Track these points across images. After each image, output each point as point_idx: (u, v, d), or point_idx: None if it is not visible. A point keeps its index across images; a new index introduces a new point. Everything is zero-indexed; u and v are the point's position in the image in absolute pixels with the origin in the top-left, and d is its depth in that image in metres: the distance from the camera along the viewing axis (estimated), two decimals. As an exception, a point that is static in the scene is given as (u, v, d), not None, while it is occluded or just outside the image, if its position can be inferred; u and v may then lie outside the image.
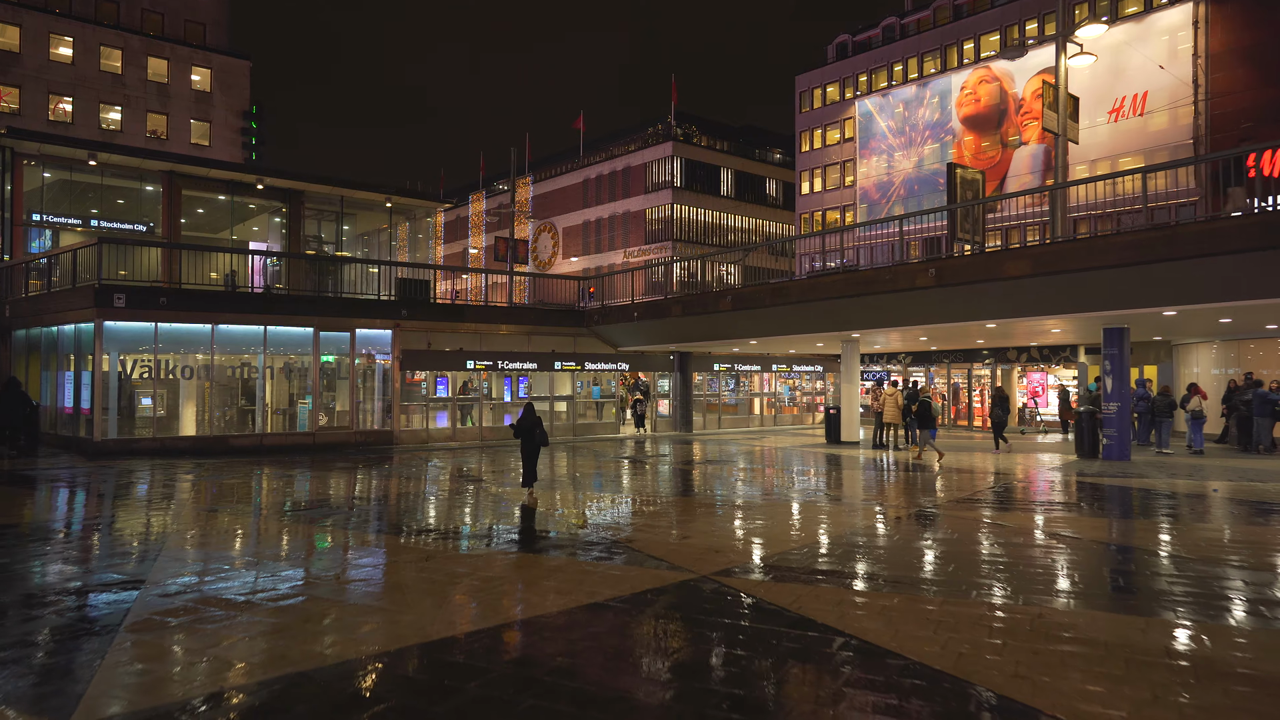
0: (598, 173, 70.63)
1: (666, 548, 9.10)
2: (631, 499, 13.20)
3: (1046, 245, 15.66)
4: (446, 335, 24.71)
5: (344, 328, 22.57)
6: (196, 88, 45.23)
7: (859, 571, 7.91)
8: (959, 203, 19.38)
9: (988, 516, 11.08)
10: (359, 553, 9.14)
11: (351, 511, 12.04)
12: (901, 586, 7.28)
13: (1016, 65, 49.03)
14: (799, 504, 12.59)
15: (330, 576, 7.84)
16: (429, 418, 24.57)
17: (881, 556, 8.72)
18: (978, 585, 7.34)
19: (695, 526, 10.49)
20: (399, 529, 10.57)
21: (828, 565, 8.22)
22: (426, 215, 33.63)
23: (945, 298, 17.35)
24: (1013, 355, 29.27)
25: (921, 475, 16.03)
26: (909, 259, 27.47)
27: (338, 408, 23.60)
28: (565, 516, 11.40)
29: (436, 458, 20.08)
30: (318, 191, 29.19)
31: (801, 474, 16.63)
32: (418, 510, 12.21)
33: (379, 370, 23.70)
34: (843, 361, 23.83)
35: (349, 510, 12.18)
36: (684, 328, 24.05)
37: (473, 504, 12.94)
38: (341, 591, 7.30)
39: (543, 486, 14.66)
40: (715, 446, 23.10)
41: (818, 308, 19.87)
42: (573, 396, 27.35)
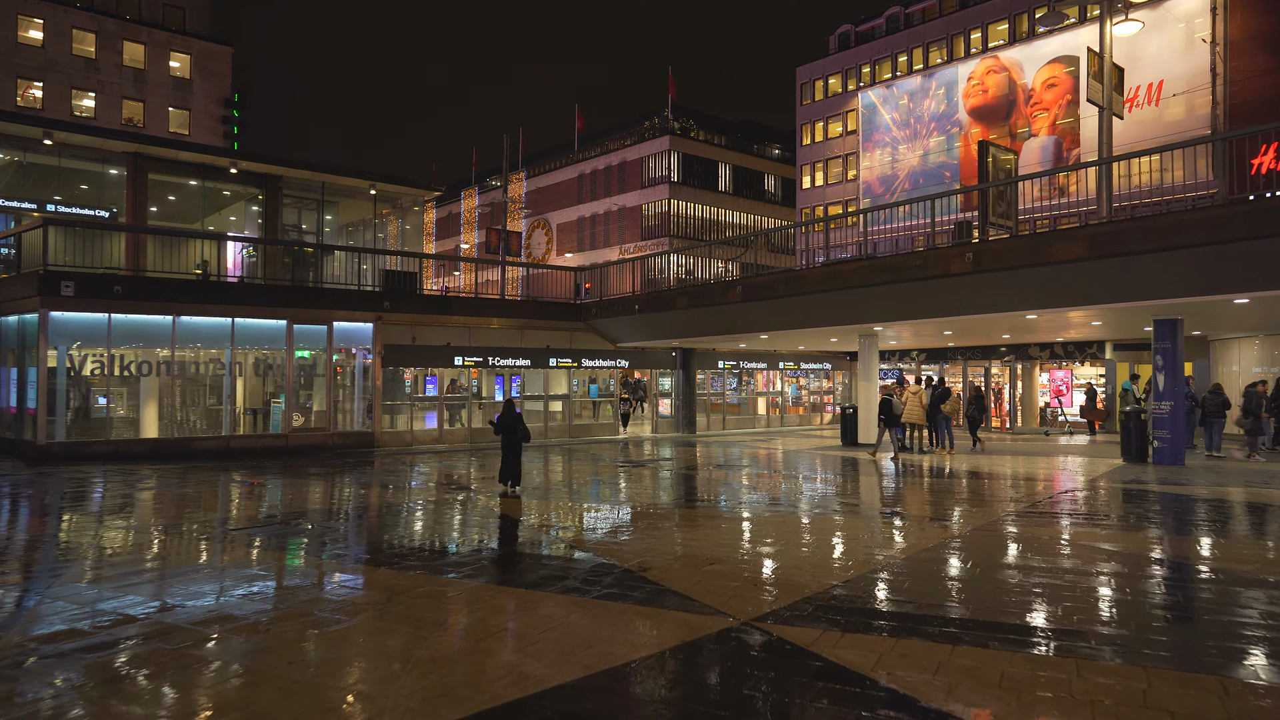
0: (593, 168, 68.94)
1: (690, 578, 7.36)
2: (639, 513, 11.46)
3: (1102, 225, 14.01)
4: (433, 329, 22.93)
5: (321, 320, 20.77)
6: (175, 74, 43.35)
7: (943, 614, 6.18)
8: (992, 182, 17.70)
9: (1066, 536, 9.37)
10: (305, 589, 7.37)
11: (311, 530, 10.26)
12: (1010, 641, 5.55)
13: (1025, 55, 47.51)
14: (834, 518, 10.86)
15: (256, 618, 6.08)
16: (414, 418, 22.78)
17: (960, 592, 6.99)
18: (1115, 640, 5.62)
19: (720, 549, 8.75)
20: (364, 555, 8.81)
21: (899, 604, 6.50)
22: (414, 205, 31.79)
23: (983, 285, 15.67)
24: (1035, 352, 27.63)
25: (961, 482, 14.33)
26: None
27: (314, 408, 21.80)
28: (564, 536, 9.64)
29: (421, 462, 18.31)
30: (297, 177, 27.35)
31: (825, 481, 14.91)
32: (391, 528, 10.44)
33: (359, 367, 21.90)
34: (860, 358, 22.13)
35: (308, 528, 10.40)
36: (689, 321, 22.33)
37: (458, 519, 11.17)
38: (258, 653, 5.54)
39: (537, 495, 12.92)
40: (722, 449, 21.38)
41: (837, 298, 18.17)
42: (569, 395, 25.61)
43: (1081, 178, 41.54)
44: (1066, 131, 46.99)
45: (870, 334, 21.61)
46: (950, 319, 17.46)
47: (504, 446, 12.93)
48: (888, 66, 55.15)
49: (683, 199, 62.62)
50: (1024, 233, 16.26)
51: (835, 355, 32.66)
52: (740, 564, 8.02)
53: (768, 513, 11.30)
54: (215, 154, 26.07)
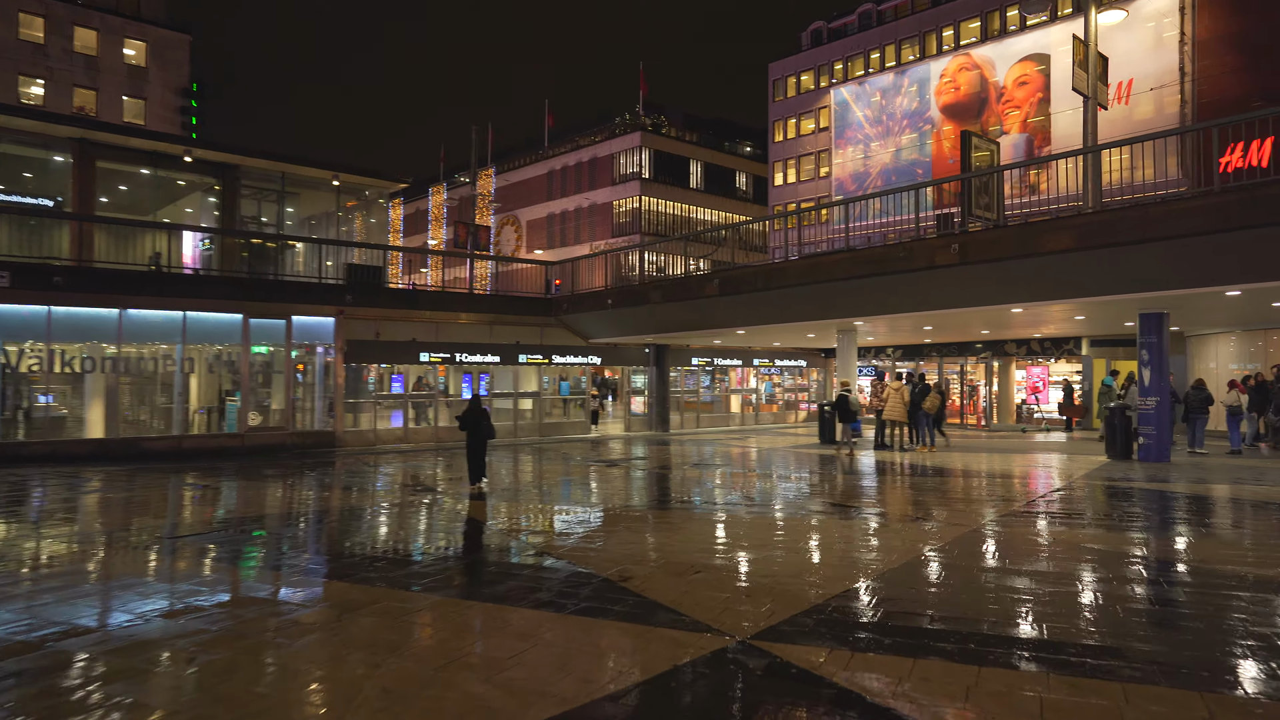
0: (563, 164, 68.13)
1: (675, 588, 6.70)
2: (615, 515, 10.77)
3: (1093, 214, 13.58)
4: (398, 325, 22.04)
5: (279, 315, 19.81)
6: (130, 62, 41.81)
7: (958, 628, 5.58)
8: (974, 172, 17.27)
9: (1068, 538, 8.85)
10: (250, 605, 6.59)
11: (262, 537, 9.45)
12: (1039, 660, 4.96)
13: (997, 53, 47.54)
14: (821, 521, 10.26)
15: (188, 643, 5.31)
16: (378, 417, 21.89)
17: (970, 602, 6.39)
18: (1156, 659, 5.05)
19: (704, 555, 8.10)
20: (317, 565, 8.03)
21: (907, 616, 5.88)
22: (380, 197, 30.78)
23: (969, 278, 15.20)
24: (1011, 348, 27.38)
25: (948, 481, 13.82)
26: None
27: (273, 406, 20.83)
28: (536, 542, 8.93)
29: (385, 462, 17.47)
30: (255, 167, 26.26)
31: (805, 480, 14.34)
32: (349, 535, 9.64)
33: (320, 363, 20.96)
34: (839, 354, 21.63)
35: (260, 535, 9.58)
36: (664, 316, 21.68)
37: (422, 524, 10.40)
38: (177, 689, 4.78)
39: (507, 497, 12.19)
40: (697, 448, 20.76)
41: (818, 291, 17.63)
42: (539, 393, 24.84)
43: (1053, 175, 41.45)
44: (1038, 129, 47.05)
45: (849, 329, 21.12)
46: (934, 313, 17.00)
47: (469, 444, 12.95)
48: (860, 63, 54.97)
49: (654, 196, 62.06)
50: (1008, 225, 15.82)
51: (810, 352, 32.22)
52: (728, 572, 7.38)
53: (750, 515, 10.67)
54: (168, 141, 24.92)
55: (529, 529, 9.73)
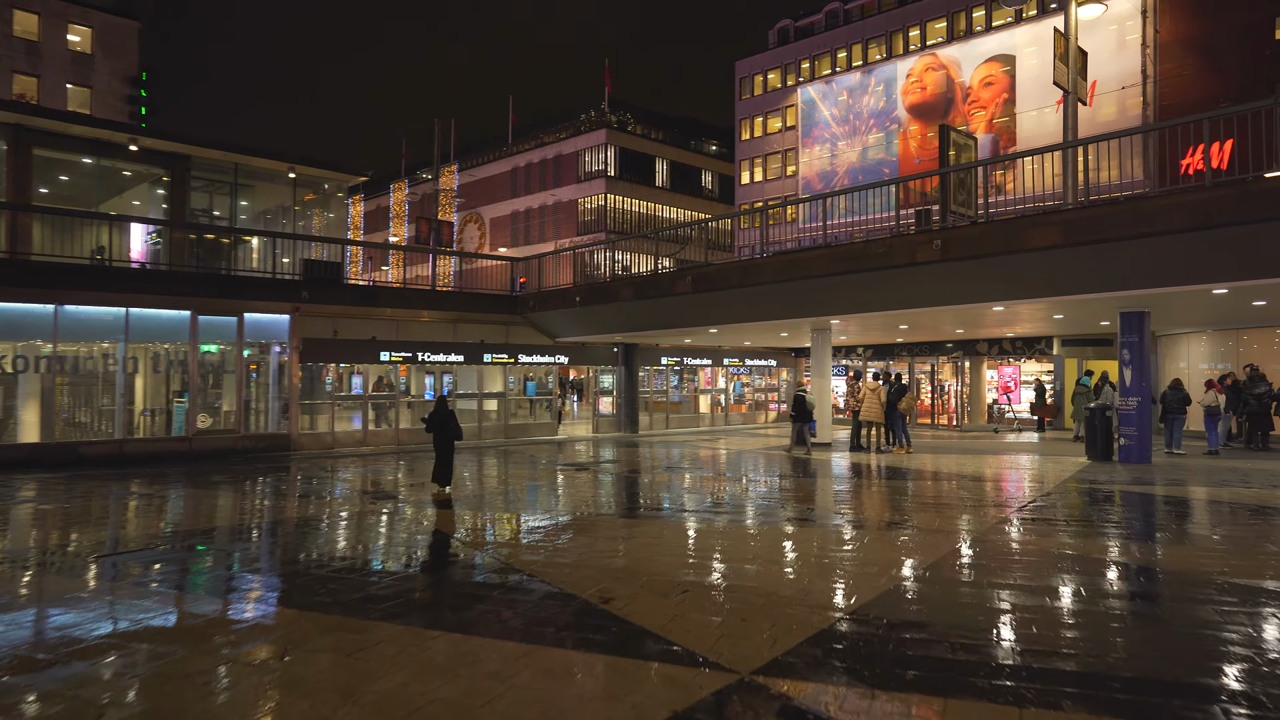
0: (527, 161, 67.24)
1: (663, 612, 6.06)
2: (589, 525, 10.09)
3: (1080, 210, 13.21)
4: (357, 323, 21.11)
5: (230, 312, 18.79)
6: (74, 49, 40.04)
7: (985, 658, 5.01)
8: (953, 166, 16.88)
9: (1073, 548, 8.37)
10: (179, 638, 5.80)
11: (199, 554, 8.62)
12: (1088, 701, 4.40)
13: (963, 53, 47.68)
14: (809, 530, 9.69)
15: (96, 692, 4.54)
16: (336, 419, 20.93)
17: (990, 625, 5.83)
18: (1224, 692, 4.52)
19: (689, 571, 7.47)
20: (262, 588, 7.25)
21: (925, 643, 5.30)
22: (338, 191, 29.67)
23: (950, 275, 14.77)
24: (983, 348, 27.19)
25: (933, 485, 13.37)
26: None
27: (224, 407, 19.78)
28: (506, 557, 8.22)
29: (343, 466, 16.58)
30: (206, 157, 25.07)
31: (784, 486, 13.79)
32: (301, 551, 8.84)
33: (274, 363, 19.96)
34: (813, 353, 21.17)
35: (194, 548, 8.74)
36: (634, 314, 21.03)
37: (382, 538, 9.62)
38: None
39: (473, 504, 11.45)
40: (669, 450, 20.16)
41: (794, 289, 17.10)
42: (504, 394, 24.03)
43: (1019, 175, 41.54)
44: (1003, 130, 47.24)
45: (825, 328, 20.66)
46: (912, 311, 16.57)
47: (436, 445, 12.77)
48: (827, 62, 54.84)
49: (619, 194, 61.46)
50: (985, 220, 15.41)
51: (780, 351, 31.81)
52: (717, 590, 6.75)
53: (733, 524, 10.06)
54: (111, 129, 23.63)
55: (497, 541, 9.02)
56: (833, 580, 7.12)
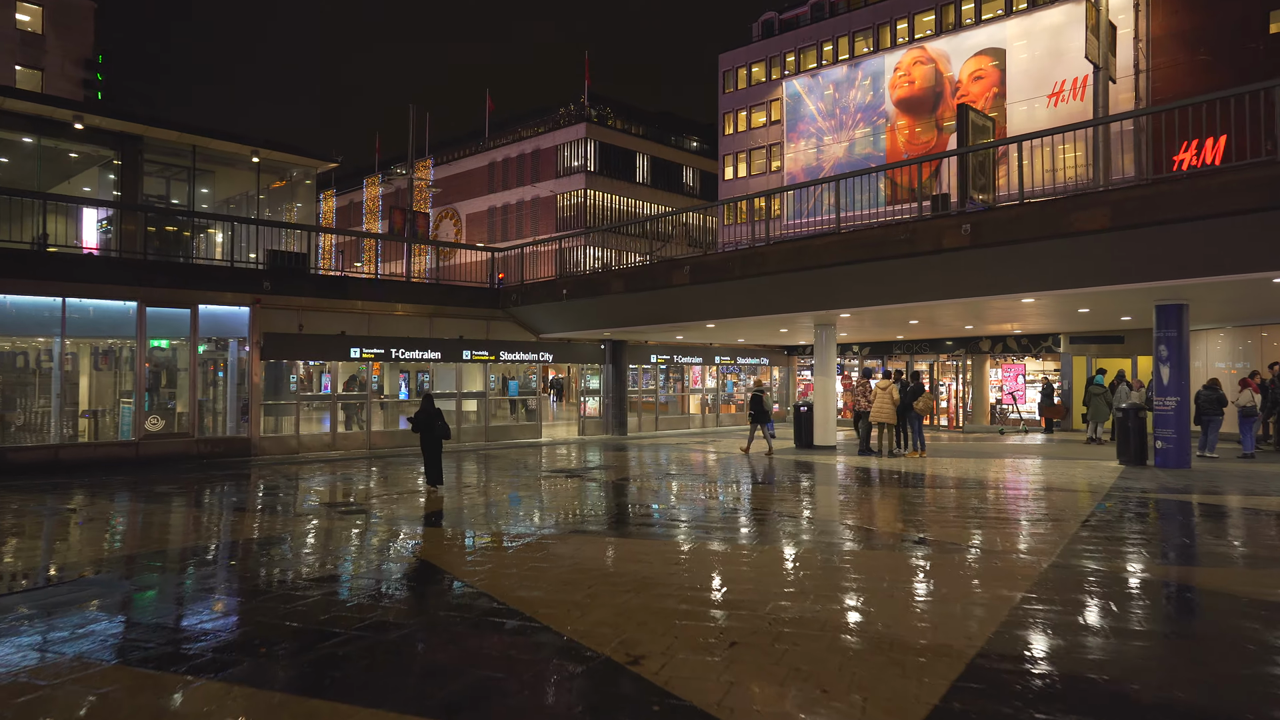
0: (505, 155, 65.64)
1: (713, 678, 4.61)
2: (597, 550, 8.59)
3: (1133, 188, 11.94)
4: (325, 316, 19.43)
5: (182, 303, 17.07)
6: (24, 28, 37.83)
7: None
8: (971, 146, 15.62)
9: (1174, 572, 7.03)
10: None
11: (115, 594, 7.03)
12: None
13: (952, 46, 46.73)
14: (858, 554, 8.27)
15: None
16: (301, 420, 19.24)
17: (1159, 667, 4.43)
18: None
19: (734, 613, 6.01)
20: (194, 654, 5.68)
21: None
22: (307, 179, 27.88)
23: (980, 263, 13.45)
24: (985, 345, 26.03)
25: (968, 495, 12.03)
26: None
27: (178, 409, 18.04)
28: (503, 593, 6.70)
29: (308, 473, 14.95)
30: (161, 139, 23.22)
31: (810, 496, 12.38)
32: (245, 592, 7.28)
33: (233, 360, 18.25)
34: (816, 350, 19.82)
35: (113, 589, 7.15)
36: (625, 308, 19.55)
37: (347, 565, 8.05)
38: None
39: (452, 519, 9.91)
40: (665, 454, 18.71)
41: (803, 279, 15.72)
42: (485, 393, 22.44)
43: (1009, 170, 40.45)
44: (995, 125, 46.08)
45: (829, 323, 19.33)
46: (933, 304, 15.24)
47: (424, 447, 12.57)
48: (813, 55, 53.78)
49: (599, 189, 60.06)
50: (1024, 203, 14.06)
51: (773, 350, 30.50)
52: (774, 642, 5.29)
53: (761, 546, 8.63)
54: (53, 104, 21.71)
55: (489, 569, 7.51)
56: (915, 621, 5.69)
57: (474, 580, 7.06)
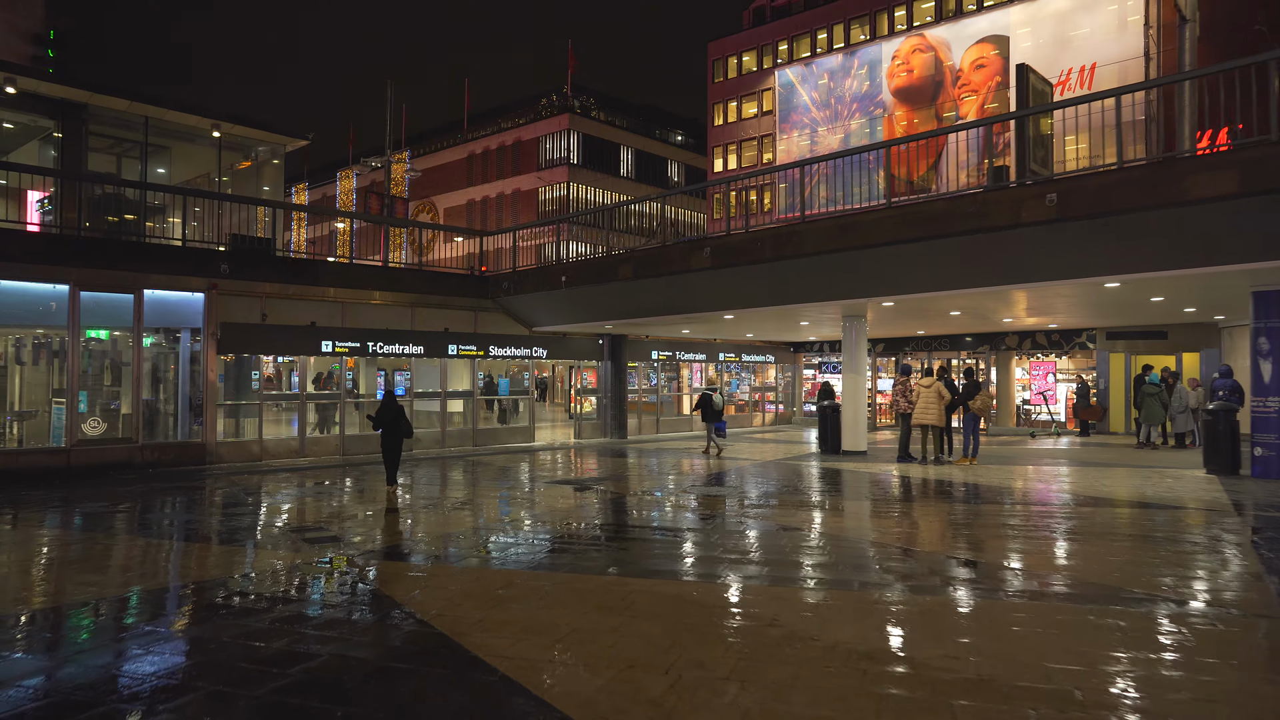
0: (484, 147, 63.30)
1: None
2: (616, 596, 6.44)
3: (1267, 145, 10.00)
4: (292, 305, 17.11)
5: (124, 286, 14.71)
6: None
7: None
8: (1032, 107, 13.71)
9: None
10: None
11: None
12: None
13: (953, 34, 45.10)
14: (990, 610, 6.20)
15: None
16: (265, 423, 16.89)
17: None
18: None
19: (823, 707, 3.91)
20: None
21: None
22: (274, 158, 25.43)
23: (1063, 241, 11.48)
24: (1012, 342, 24.20)
25: (1071, 514, 10.04)
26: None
27: (123, 410, 15.64)
28: (497, 654, 4.53)
29: (271, 485, 12.66)
30: (109, 108, 20.72)
31: (865, 517, 10.33)
32: (166, 665, 5.05)
33: (185, 354, 15.90)
34: (846, 348, 17.81)
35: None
36: (634, 297, 17.42)
37: (312, 616, 5.84)
38: None
39: (437, 549, 7.71)
40: (674, 461, 16.60)
41: (846, 261, 13.67)
42: (472, 392, 20.19)
43: (1009, 152, 38.55)
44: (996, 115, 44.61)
45: (860, 314, 17.34)
46: (998, 290, 13.23)
47: (385, 447, 12.24)
48: (806, 44, 51.96)
49: (582, 183, 57.91)
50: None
51: (778, 346, 28.51)
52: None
53: (845, 591, 6.53)
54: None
55: (481, 622, 5.34)
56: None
57: (466, 634, 4.88)
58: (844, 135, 48.41)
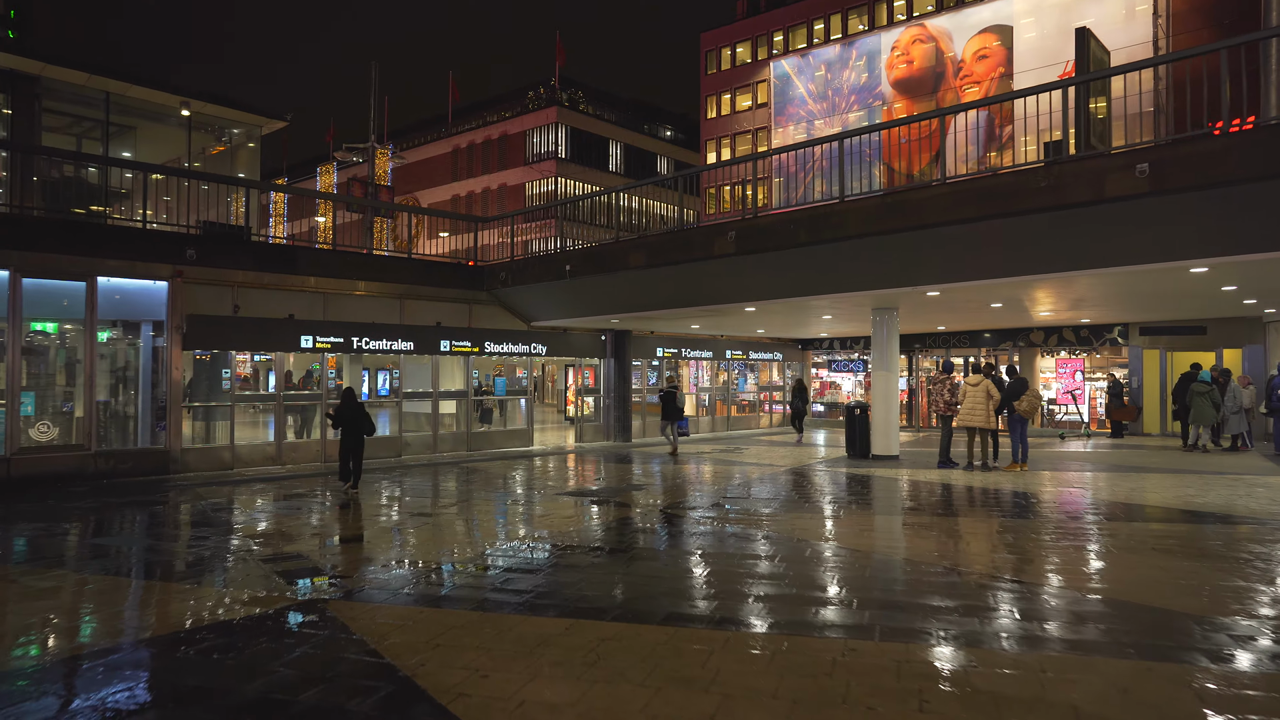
0: (470, 141, 61.54)
1: None
2: (704, 675, 4.88)
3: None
4: (269, 296, 15.41)
5: (74, 273, 12.98)
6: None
7: None
8: (1093, 72, 12.30)
9: None
10: None
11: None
12: None
13: (954, 24, 43.89)
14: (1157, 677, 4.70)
15: None
16: (237, 427, 15.18)
17: None
18: None
19: None
20: None
21: None
22: (249, 141, 23.68)
23: (1154, 217, 10.04)
24: (1037, 337, 22.86)
25: (1189, 533, 8.59)
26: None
27: (76, 413, 13.89)
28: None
29: (242, 500, 11.00)
30: (65, 82, 18.92)
31: (939, 537, 8.83)
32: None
33: (145, 349, 14.18)
34: (875, 343, 16.34)
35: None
36: (646, 287, 15.86)
37: (282, 698, 4.23)
38: None
39: (430, 595, 6.11)
40: (694, 467, 15.07)
41: (892, 246, 12.18)
42: (466, 392, 18.55)
43: (1019, 149, 37.53)
44: (997, 109, 43.54)
45: (892, 306, 15.89)
46: (1063, 276, 11.78)
47: (344, 446, 11.68)
48: (803, 34, 50.57)
49: (571, 178, 56.30)
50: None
51: (786, 343, 27.06)
52: None
53: (1026, 652, 5.01)
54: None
55: (522, 707, 3.79)
56: None
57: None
58: (842, 128, 47.07)
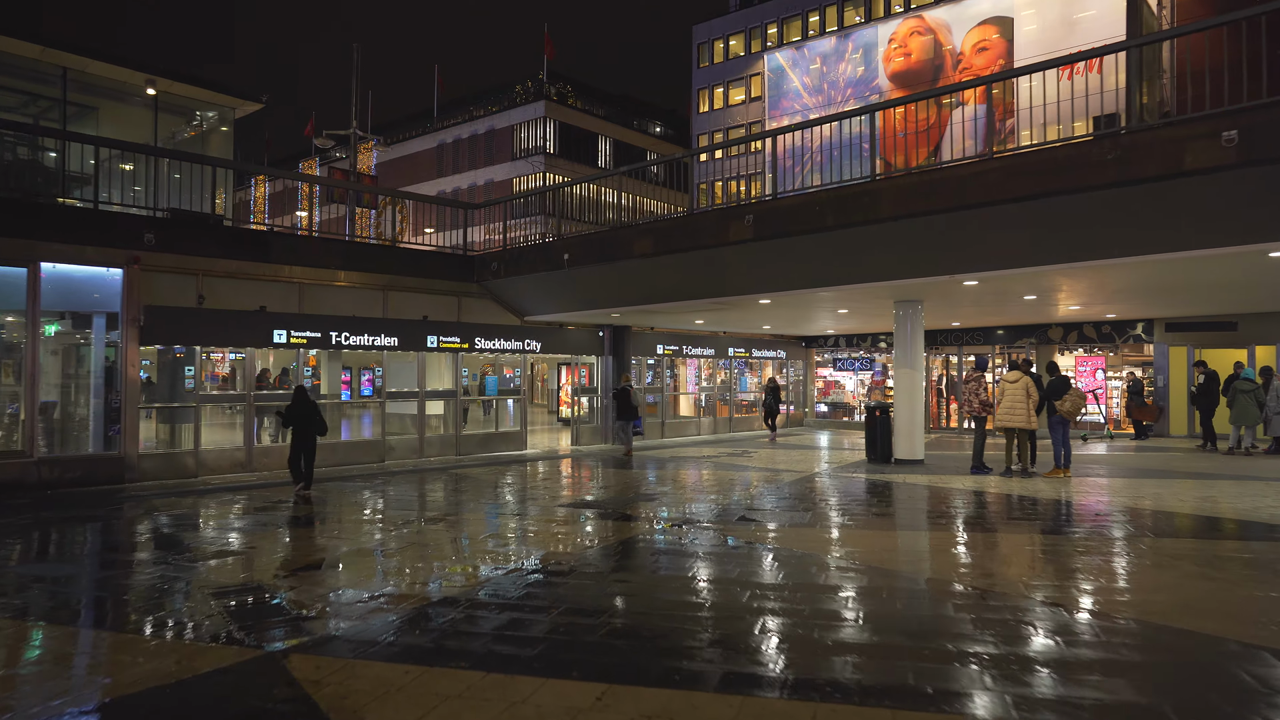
0: (455, 136, 60.08)
1: None
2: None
3: None
4: (239, 285, 14.01)
5: (14, 258, 11.56)
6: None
7: None
8: (1142, 38, 11.11)
9: None
10: None
11: None
12: None
13: (953, 15, 42.85)
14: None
15: None
16: (203, 431, 13.76)
17: None
18: None
19: None
20: None
21: None
22: (223, 124, 22.21)
23: (1237, 194, 8.88)
24: (1056, 335, 21.77)
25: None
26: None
27: (21, 415, 12.46)
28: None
29: (206, 512, 9.63)
30: (16, 55, 17.40)
31: (1010, 561, 7.63)
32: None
33: (98, 344, 12.76)
34: (898, 339, 15.15)
35: None
36: (652, 277, 14.58)
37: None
38: None
39: (408, 640, 4.83)
40: (697, 474, 13.82)
41: (932, 227, 10.97)
42: (455, 392, 17.20)
43: (1013, 139, 36.18)
44: (999, 101, 42.30)
45: (916, 299, 14.72)
46: (1122, 263, 10.59)
47: (295, 445, 11.08)
48: (797, 26, 49.49)
49: (560, 173, 54.93)
50: None
51: (788, 340, 25.87)
52: None
53: None
54: None
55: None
56: None
57: None
58: (838, 122, 46.05)
